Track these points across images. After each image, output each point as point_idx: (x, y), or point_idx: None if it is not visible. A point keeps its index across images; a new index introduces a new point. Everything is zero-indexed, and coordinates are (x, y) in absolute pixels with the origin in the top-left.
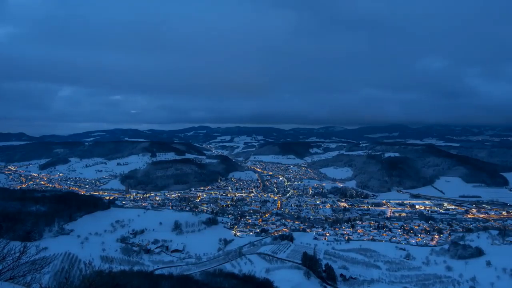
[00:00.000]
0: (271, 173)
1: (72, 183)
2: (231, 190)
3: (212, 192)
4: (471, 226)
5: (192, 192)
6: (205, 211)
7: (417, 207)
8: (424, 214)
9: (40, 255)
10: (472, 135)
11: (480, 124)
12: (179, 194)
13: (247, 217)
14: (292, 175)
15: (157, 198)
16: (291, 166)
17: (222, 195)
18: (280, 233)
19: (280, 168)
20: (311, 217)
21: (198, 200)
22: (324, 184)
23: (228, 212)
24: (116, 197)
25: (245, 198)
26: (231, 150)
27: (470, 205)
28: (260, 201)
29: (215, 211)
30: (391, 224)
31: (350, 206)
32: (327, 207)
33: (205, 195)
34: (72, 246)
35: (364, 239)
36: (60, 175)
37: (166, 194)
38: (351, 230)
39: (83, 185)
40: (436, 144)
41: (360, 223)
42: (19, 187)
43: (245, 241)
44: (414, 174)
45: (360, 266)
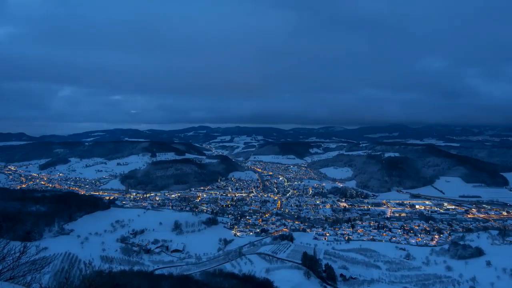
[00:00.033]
0: (271, 173)
1: (72, 183)
2: (231, 190)
3: (212, 192)
4: (471, 226)
5: (192, 192)
6: (205, 211)
7: (417, 207)
8: (424, 214)
9: (40, 255)
10: (472, 135)
11: (480, 124)
12: (179, 194)
13: (247, 217)
14: (292, 175)
15: (157, 198)
16: (291, 166)
17: (222, 195)
18: (280, 233)
19: (280, 168)
20: (311, 217)
21: (198, 200)
22: (324, 184)
23: (228, 212)
24: (116, 197)
25: (245, 198)
26: (231, 150)
27: (470, 205)
28: (260, 201)
29: (215, 211)
30: (391, 224)
31: (350, 206)
32: (327, 207)
33: (205, 195)
34: (72, 246)
35: (364, 239)
36: (60, 175)
37: (166, 194)
38: (351, 230)
39: (83, 185)
40: (436, 144)
41: (360, 223)
42: (19, 187)
43: (245, 241)
44: (414, 174)
45: (360, 266)
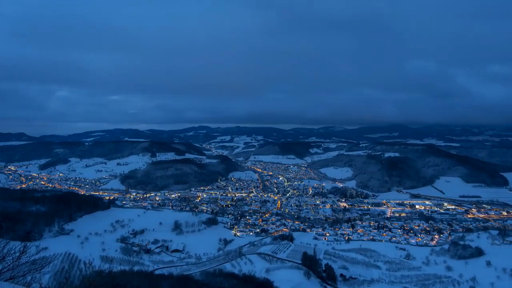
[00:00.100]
0: (271, 173)
1: (72, 183)
2: (231, 190)
3: (212, 192)
4: (471, 226)
5: (192, 192)
6: (205, 211)
7: (417, 207)
8: (424, 214)
9: (40, 255)
10: (472, 135)
11: (480, 124)
12: (179, 194)
13: (247, 217)
14: (292, 175)
15: (157, 198)
16: (291, 166)
17: (222, 195)
18: (280, 233)
19: (280, 168)
20: (311, 217)
21: (198, 200)
22: (324, 184)
23: (228, 212)
24: (116, 197)
25: (245, 198)
26: (231, 150)
27: (470, 205)
28: (260, 201)
29: (215, 211)
30: (391, 224)
31: (350, 206)
32: (327, 207)
33: (205, 195)
34: (72, 246)
35: (364, 239)
36: (60, 175)
37: (166, 194)
38: (351, 230)
39: (83, 185)
40: (436, 144)
41: (360, 223)
42: (19, 187)
43: (245, 241)
44: (414, 174)
45: (360, 266)
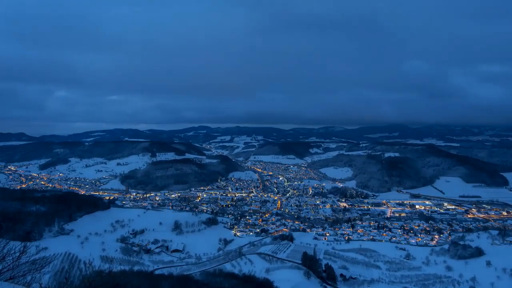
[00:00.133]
0: (271, 173)
1: (72, 183)
2: (231, 190)
3: (212, 192)
4: (471, 226)
5: (192, 192)
6: (205, 211)
7: (417, 207)
8: (424, 214)
9: (40, 255)
10: (472, 135)
11: (480, 124)
12: (179, 194)
13: (247, 217)
14: (292, 175)
15: (157, 198)
16: (291, 166)
17: (222, 195)
18: (280, 233)
19: (280, 168)
20: (311, 217)
21: (198, 200)
22: (324, 184)
23: (228, 212)
24: (116, 197)
25: (245, 198)
26: (231, 150)
27: (470, 205)
28: (260, 201)
29: (215, 211)
30: (391, 224)
31: (350, 206)
32: (327, 207)
33: (205, 195)
34: (72, 246)
35: (364, 239)
36: (60, 175)
37: (166, 194)
38: (351, 230)
39: (83, 185)
40: (436, 144)
41: (360, 223)
42: (19, 187)
43: (245, 241)
44: (414, 174)
45: (360, 266)
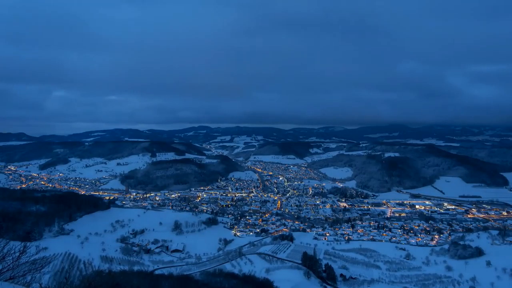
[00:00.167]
0: (271, 173)
1: (72, 183)
2: (231, 190)
3: (212, 192)
4: (471, 226)
5: (192, 192)
6: (205, 211)
7: (417, 207)
8: (424, 214)
9: (40, 255)
10: (472, 135)
11: (480, 124)
12: (179, 194)
13: (247, 217)
14: (292, 175)
15: (157, 198)
16: (291, 166)
17: (222, 195)
18: (280, 233)
19: (280, 168)
20: (311, 217)
21: (198, 200)
22: (324, 184)
23: (228, 212)
24: (116, 197)
25: (245, 198)
26: (231, 150)
27: (470, 205)
28: (260, 201)
29: (215, 211)
30: (391, 224)
31: (350, 206)
32: (327, 207)
33: (205, 195)
34: (72, 246)
35: (364, 239)
36: (60, 175)
37: (166, 194)
38: (351, 230)
39: (83, 185)
40: (436, 144)
41: (360, 223)
42: (19, 187)
43: (245, 241)
44: (414, 174)
45: (360, 266)
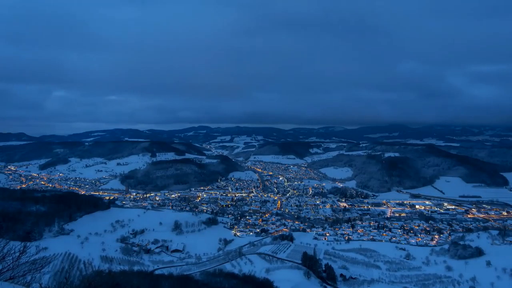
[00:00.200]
0: (271, 173)
1: (72, 183)
2: (231, 190)
3: (212, 192)
4: (471, 226)
5: (192, 192)
6: (205, 211)
7: (417, 207)
8: (424, 214)
9: (40, 255)
10: (472, 135)
11: (480, 124)
12: (179, 194)
13: (247, 217)
14: (292, 175)
15: (157, 198)
16: (291, 166)
17: (222, 195)
18: (280, 233)
19: (280, 168)
20: (311, 217)
21: (198, 200)
22: (324, 184)
23: (228, 212)
24: (116, 197)
25: (245, 198)
26: (231, 150)
27: (470, 205)
28: (260, 201)
29: (215, 211)
30: (391, 224)
31: (350, 206)
32: (327, 207)
33: (205, 195)
34: (72, 246)
35: (364, 239)
36: (60, 175)
37: (166, 194)
38: (351, 230)
39: (83, 185)
40: (436, 144)
41: (360, 223)
42: (19, 187)
43: (245, 241)
44: (414, 174)
45: (360, 266)
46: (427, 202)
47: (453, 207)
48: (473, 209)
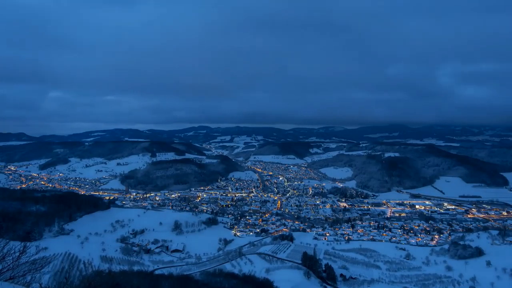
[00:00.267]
0: (271, 173)
1: (72, 183)
2: (231, 190)
3: (212, 192)
4: (471, 226)
5: (192, 192)
6: (205, 211)
7: (417, 207)
8: (424, 214)
9: (40, 255)
10: (472, 135)
11: (480, 124)
12: (179, 194)
13: (247, 217)
14: (292, 175)
15: (157, 198)
16: (291, 166)
17: (222, 195)
18: (280, 233)
19: (280, 168)
20: (311, 217)
21: (198, 200)
22: (324, 184)
23: (228, 212)
24: (116, 197)
25: (245, 198)
26: (231, 150)
27: (470, 205)
28: (260, 201)
29: (215, 211)
30: (391, 224)
31: (350, 206)
32: (327, 207)
33: (205, 195)
34: (72, 246)
35: (364, 239)
36: (60, 175)
37: (166, 194)
38: (351, 230)
39: (83, 185)
40: (436, 144)
41: (360, 223)
42: (19, 187)
43: (245, 241)
44: (414, 174)
45: (360, 266)
46: (427, 202)
47: (453, 207)
48: (473, 209)
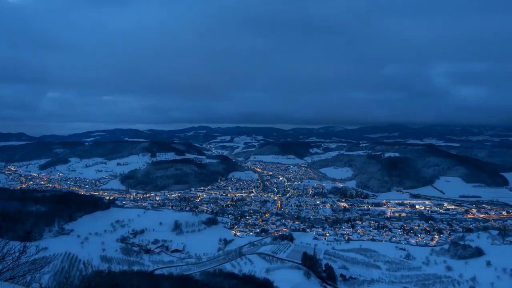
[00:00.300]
0: (271, 173)
1: (72, 183)
2: (231, 190)
3: (212, 192)
4: (471, 226)
5: (192, 192)
6: (205, 211)
7: (417, 207)
8: (424, 214)
9: (40, 255)
10: (472, 135)
11: (480, 124)
12: (179, 194)
13: (247, 217)
14: (292, 175)
15: (157, 198)
16: (291, 166)
17: (222, 195)
18: (280, 233)
19: (280, 168)
20: (311, 217)
21: (198, 200)
22: (324, 184)
23: (228, 212)
24: (116, 197)
25: (245, 198)
26: (231, 150)
27: (470, 205)
28: (260, 201)
29: (215, 211)
30: (391, 224)
31: (350, 206)
32: (327, 207)
33: (205, 195)
34: (72, 246)
35: (364, 239)
36: (60, 175)
37: (166, 194)
38: (351, 230)
39: (83, 185)
40: (436, 144)
41: (360, 223)
42: (19, 187)
43: (245, 241)
44: (414, 174)
45: (360, 266)
46: (427, 202)
47: (453, 207)
48: (473, 209)
